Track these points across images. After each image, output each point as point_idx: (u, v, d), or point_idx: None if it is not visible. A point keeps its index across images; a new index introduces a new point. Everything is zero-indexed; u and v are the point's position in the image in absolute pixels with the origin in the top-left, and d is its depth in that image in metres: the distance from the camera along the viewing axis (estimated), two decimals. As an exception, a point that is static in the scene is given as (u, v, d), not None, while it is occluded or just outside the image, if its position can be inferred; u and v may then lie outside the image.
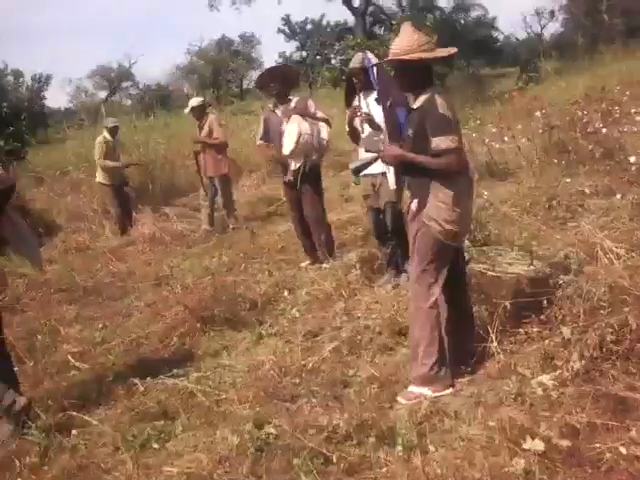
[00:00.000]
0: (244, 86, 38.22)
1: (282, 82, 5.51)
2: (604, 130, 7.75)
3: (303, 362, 3.56)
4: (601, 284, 3.12)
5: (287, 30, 34.48)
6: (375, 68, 4.39)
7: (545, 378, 2.78)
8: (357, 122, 4.65)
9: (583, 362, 2.74)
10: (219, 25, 63.33)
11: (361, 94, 4.68)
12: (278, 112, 5.53)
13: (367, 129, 4.60)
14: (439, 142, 2.87)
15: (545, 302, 3.25)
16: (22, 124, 16.90)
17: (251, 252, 6.28)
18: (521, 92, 10.99)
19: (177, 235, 7.58)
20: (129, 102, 32.45)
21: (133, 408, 3.33)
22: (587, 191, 6.06)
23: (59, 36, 62.50)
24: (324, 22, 34.26)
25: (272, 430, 2.78)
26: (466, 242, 4.48)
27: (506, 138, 8.13)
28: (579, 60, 18.75)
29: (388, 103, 4.25)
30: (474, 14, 21.72)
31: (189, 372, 3.71)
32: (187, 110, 7.55)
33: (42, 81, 20.53)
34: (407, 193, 3.28)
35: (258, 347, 3.98)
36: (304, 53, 36.00)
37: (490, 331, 3.15)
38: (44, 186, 10.26)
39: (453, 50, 3.04)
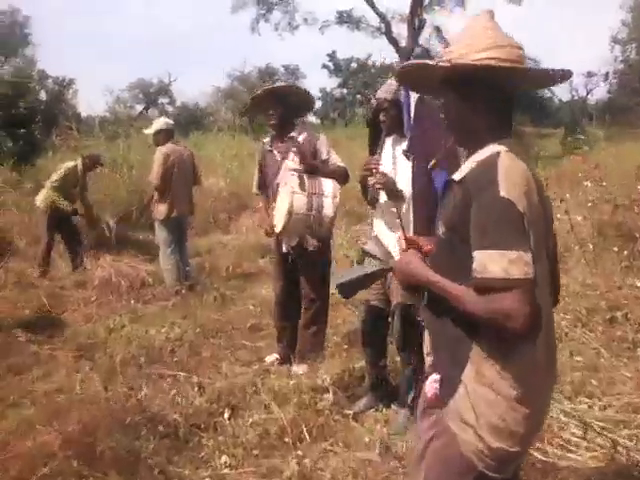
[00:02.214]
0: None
1: (287, 108, 3.92)
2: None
3: None
4: None
5: (331, 66, 33.44)
6: (413, 102, 2.79)
7: None
8: (371, 183, 3.05)
9: None
10: (262, 54, 63.25)
11: (388, 140, 3.14)
12: (276, 153, 4.00)
13: (383, 196, 3.07)
14: (486, 261, 1.38)
15: None
16: (36, 127, 15.99)
17: (211, 327, 4.83)
18: (585, 157, 9.23)
19: (137, 283, 6.17)
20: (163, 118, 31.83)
21: None
22: (665, 304, 4.49)
23: (104, 50, 64.88)
24: (370, 62, 33.02)
25: None
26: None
27: (559, 215, 6.38)
28: (634, 127, 17.20)
29: (431, 163, 2.34)
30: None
31: None
32: (149, 130, 6.16)
33: (64, 85, 19.65)
34: (426, 348, 1.72)
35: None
36: (345, 90, 34.90)
37: None
38: (10, 200, 8.98)
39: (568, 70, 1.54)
